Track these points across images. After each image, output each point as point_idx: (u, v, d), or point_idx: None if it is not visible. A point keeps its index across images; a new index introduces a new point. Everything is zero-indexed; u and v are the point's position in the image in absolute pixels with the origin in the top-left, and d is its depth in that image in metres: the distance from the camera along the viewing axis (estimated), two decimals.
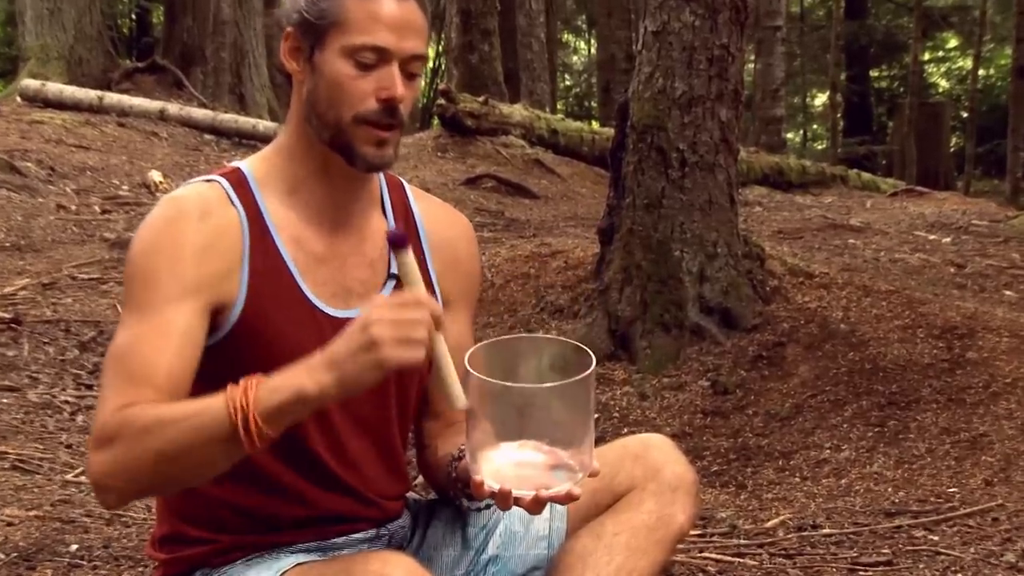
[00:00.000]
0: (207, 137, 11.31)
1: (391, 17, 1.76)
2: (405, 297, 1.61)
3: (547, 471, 1.60)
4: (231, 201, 1.81)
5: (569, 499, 1.62)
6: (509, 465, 1.59)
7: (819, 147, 26.25)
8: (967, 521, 3.63)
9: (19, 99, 11.48)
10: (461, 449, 1.83)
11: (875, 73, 25.93)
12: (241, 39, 14.20)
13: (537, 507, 1.62)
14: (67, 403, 4.55)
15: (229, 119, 11.67)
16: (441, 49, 18.98)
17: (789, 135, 23.11)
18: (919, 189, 13.04)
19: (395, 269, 1.90)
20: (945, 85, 26.33)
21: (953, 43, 25.72)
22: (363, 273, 1.88)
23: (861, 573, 3.25)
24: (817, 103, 27.91)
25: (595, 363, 1.59)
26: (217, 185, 1.83)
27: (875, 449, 4.46)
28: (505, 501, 1.61)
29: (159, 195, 8.10)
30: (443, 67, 19.12)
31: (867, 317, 5.47)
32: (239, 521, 1.85)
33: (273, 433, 1.59)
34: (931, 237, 8.46)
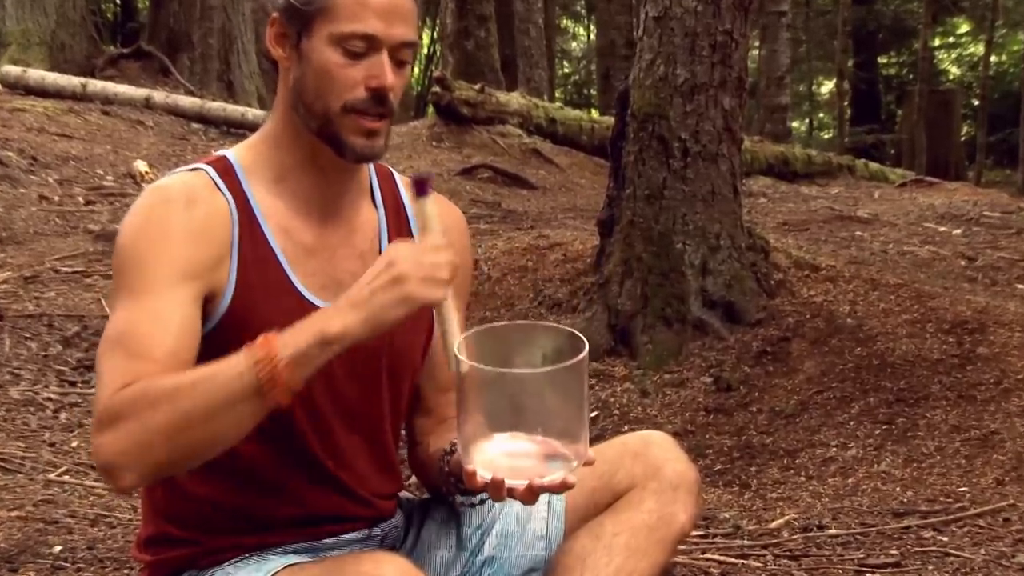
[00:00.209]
0: (194, 126, 11.29)
1: (380, 4, 1.76)
2: (427, 240, 1.67)
3: (541, 460, 1.60)
4: (218, 188, 1.81)
5: (564, 487, 1.62)
6: (502, 455, 1.60)
7: (825, 136, 26.24)
8: (978, 521, 3.64)
9: None
10: (453, 444, 1.83)
11: (883, 59, 25.92)
12: (229, 24, 14.18)
13: (531, 496, 1.62)
14: (50, 400, 4.55)
15: (217, 107, 11.65)
16: (436, 35, 18.97)
17: (794, 124, 23.13)
18: (929, 179, 13.04)
19: None
20: (956, 72, 26.33)
21: (964, 28, 25.72)
22: (353, 265, 1.88)
23: (868, 575, 3.26)
24: (823, 91, 27.90)
25: (587, 348, 1.61)
26: (203, 173, 1.83)
27: (883, 447, 4.47)
28: (499, 491, 1.61)
29: (145, 186, 8.07)
30: (438, 54, 19.11)
31: (875, 311, 5.47)
32: (227, 521, 1.85)
33: (298, 382, 1.59)
34: (941, 229, 8.47)
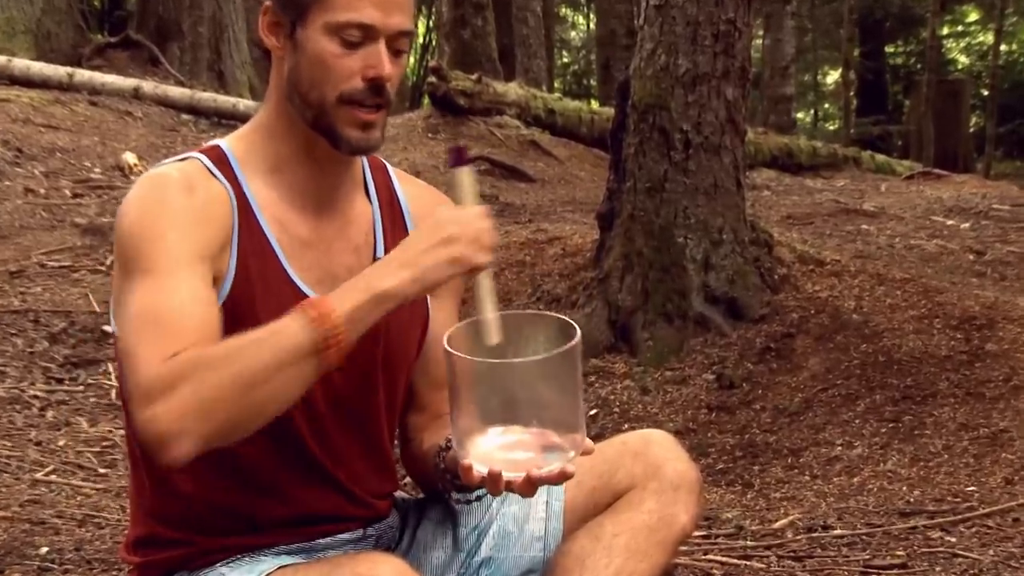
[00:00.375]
0: (184, 117, 11.27)
1: None
2: (471, 208, 1.71)
3: (537, 452, 1.61)
4: (213, 176, 1.81)
5: (563, 477, 1.63)
6: (498, 448, 1.61)
7: (831, 127, 26.24)
8: (986, 521, 3.64)
9: None
10: (448, 440, 1.83)
11: (890, 49, 25.91)
12: (220, 13, 14.15)
13: (530, 488, 1.62)
14: (36, 398, 4.55)
15: (208, 98, 11.63)
16: (432, 24, 18.96)
17: (799, 115, 23.12)
18: (936, 172, 13.05)
19: (381, 254, 1.91)
20: (965, 61, 26.32)
21: (973, 16, 25.71)
22: (348, 259, 1.89)
23: None
24: (829, 81, 27.89)
25: (579, 335, 1.61)
26: (196, 161, 1.83)
27: (889, 446, 4.47)
28: (496, 485, 1.62)
29: (133, 178, 8.09)
30: (434, 43, 19.10)
31: (881, 307, 5.48)
32: (219, 521, 1.85)
33: (352, 341, 1.63)
34: (949, 222, 8.47)
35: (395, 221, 1.96)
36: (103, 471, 3.95)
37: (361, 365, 1.85)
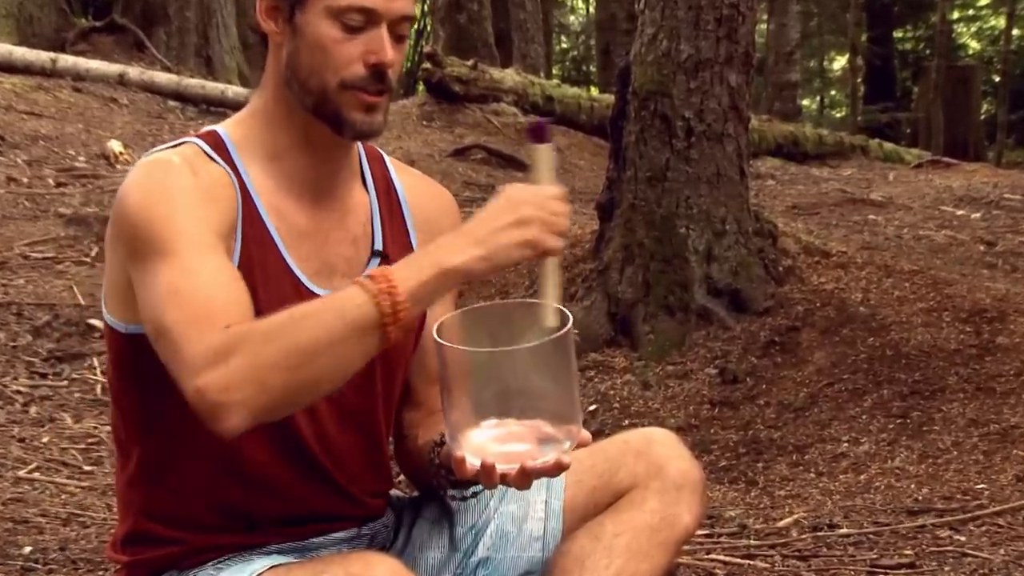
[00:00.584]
0: (171, 104, 11.26)
1: None
2: (547, 188, 1.70)
3: (532, 444, 1.61)
4: (213, 160, 1.81)
5: (558, 469, 1.63)
6: (491, 441, 1.61)
7: (837, 115, 26.23)
8: (996, 520, 3.65)
9: None
10: (442, 435, 1.83)
11: (899, 34, 25.89)
12: None
13: (525, 481, 1.63)
14: (19, 393, 4.55)
15: (195, 84, 11.62)
16: (426, 8, 18.93)
17: (805, 102, 23.12)
18: (946, 160, 13.05)
19: (378, 245, 1.92)
20: (975, 46, 26.30)
21: (984, 0, 25.69)
22: (346, 249, 1.89)
23: None
24: (835, 67, 27.87)
25: (571, 321, 1.62)
26: (193, 145, 1.83)
27: (897, 442, 4.48)
28: (490, 478, 1.62)
29: (119, 167, 8.08)
30: (428, 28, 19.06)
31: (888, 299, 5.48)
32: (212, 518, 1.85)
33: (415, 317, 1.65)
34: (959, 212, 8.48)
35: (392, 212, 1.97)
36: (88, 468, 3.95)
37: None
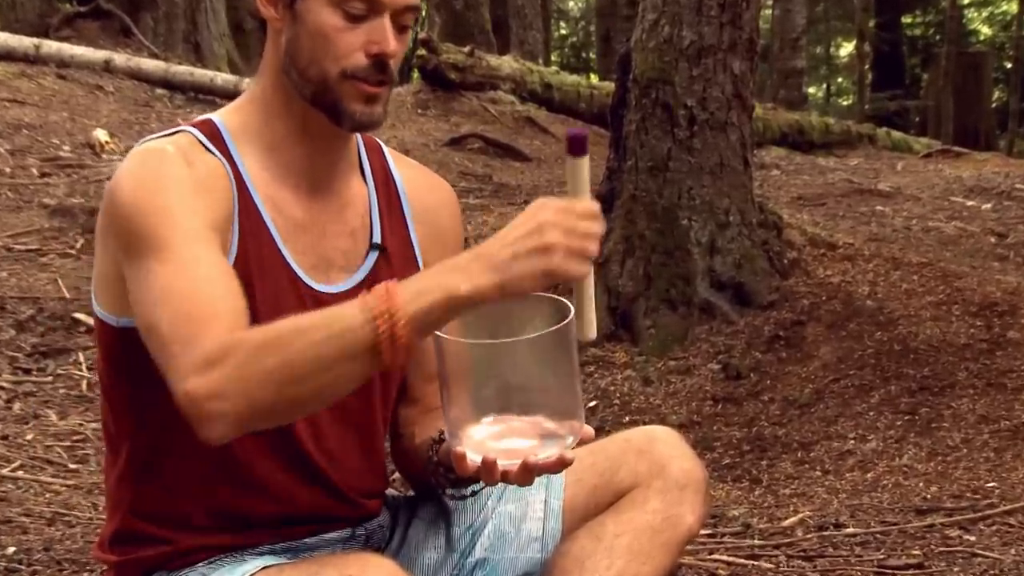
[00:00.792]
0: (159, 91, 11.24)
1: None
2: (579, 205, 1.59)
3: (533, 440, 1.61)
4: (208, 150, 1.81)
5: (561, 465, 1.63)
6: (492, 437, 1.61)
7: (844, 103, 26.23)
8: (1007, 519, 3.65)
9: None
10: (441, 432, 1.84)
11: (908, 19, 25.87)
12: None
13: (527, 477, 1.63)
14: (2, 389, 4.55)
15: (184, 71, 11.60)
16: None
17: (810, 89, 23.09)
18: (956, 149, 13.06)
19: (377, 239, 1.92)
20: (987, 32, 26.29)
21: None
22: (344, 243, 1.89)
23: None
24: (842, 53, 27.85)
25: (573, 312, 1.61)
26: (188, 135, 1.83)
27: (905, 439, 4.49)
28: (491, 474, 1.62)
29: (105, 156, 8.07)
30: (424, 13, 19.05)
31: (896, 293, 5.49)
32: (202, 518, 1.85)
33: (415, 344, 1.56)
34: (969, 203, 8.48)
35: (391, 204, 1.97)
36: (73, 467, 3.95)
37: None
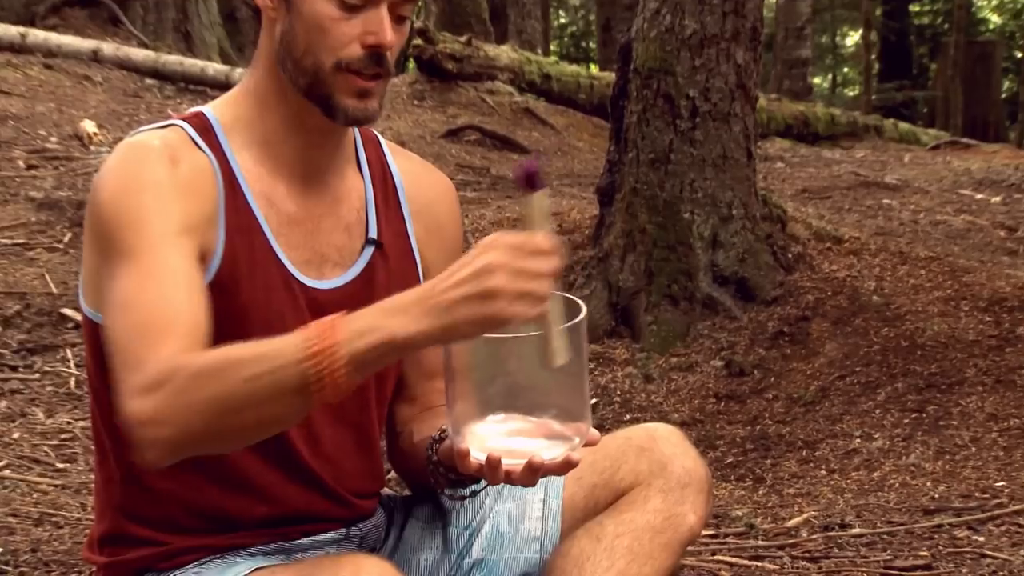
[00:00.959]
0: (148, 82, 11.23)
1: None
2: (531, 241, 1.54)
3: (539, 441, 1.62)
4: (197, 146, 1.81)
5: (567, 467, 1.63)
6: (497, 436, 1.61)
7: (850, 93, 26.23)
8: (1017, 520, 3.66)
9: None
10: (442, 431, 1.84)
11: (915, 7, 25.89)
12: None
13: (531, 477, 1.63)
14: None
15: (174, 61, 11.59)
16: None
17: (816, 80, 23.10)
18: (965, 141, 13.07)
19: (373, 233, 1.92)
20: (996, 20, 26.30)
21: None
22: (339, 238, 1.89)
23: None
24: (848, 43, 27.86)
25: (585, 311, 1.60)
26: (179, 129, 1.83)
27: (912, 438, 4.49)
28: (495, 473, 1.62)
29: (93, 148, 8.07)
30: (420, 2, 19.05)
31: (903, 288, 5.49)
32: (192, 519, 1.86)
33: (354, 383, 1.55)
34: (978, 196, 8.49)
35: (388, 198, 1.97)
36: (61, 466, 3.95)
37: None
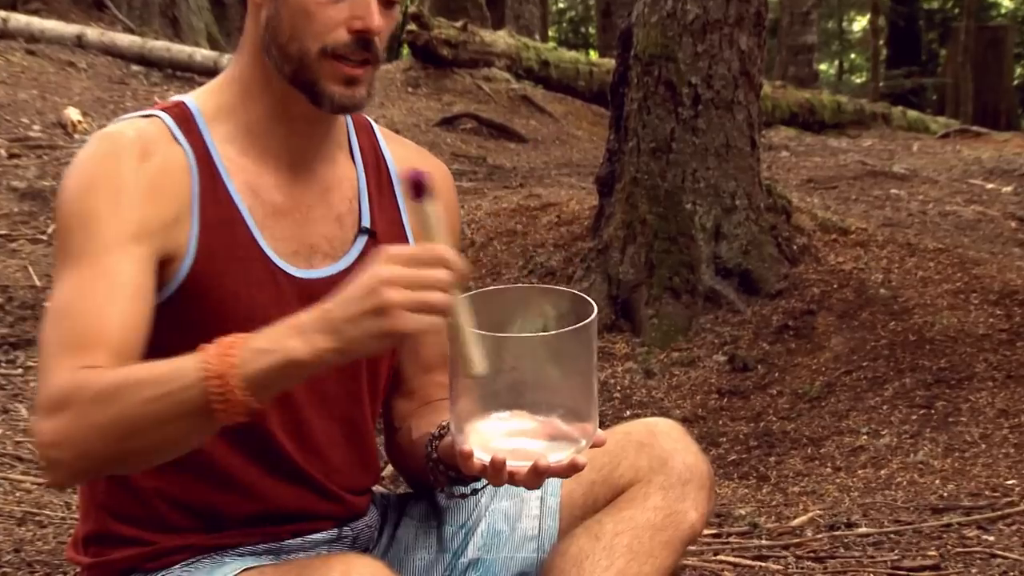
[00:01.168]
0: (134, 68, 11.23)
1: None
2: (424, 252, 1.57)
3: (544, 441, 1.62)
4: (175, 139, 1.82)
5: (572, 470, 1.64)
6: (501, 436, 1.62)
7: (857, 80, 26.23)
8: None
9: None
10: (442, 427, 1.84)
11: None
12: None
13: (536, 480, 1.64)
14: None
15: (160, 47, 11.59)
16: None
17: (822, 66, 23.09)
18: (975, 129, 13.07)
19: (366, 223, 1.92)
20: (1008, 5, 26.29)
21: None
22: (329, 228, 1.89)
23: None
24: (856, 28, 27.86)
25: (596, 312, 1.60)
26: (158, 120, 1.83)
27: (920, 435, 4.49)
28: (499, 475, 1.63)
29: (78, 136, 8.07)
30: None
31: (911, 280, 5.50)
32: (178, 518, 1.86)
33: (255, 405, 1.57)
34: (989, 186, 8.49)
35: (382, 187, 1.97)
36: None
37: None
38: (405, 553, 2.03)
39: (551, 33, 24.46)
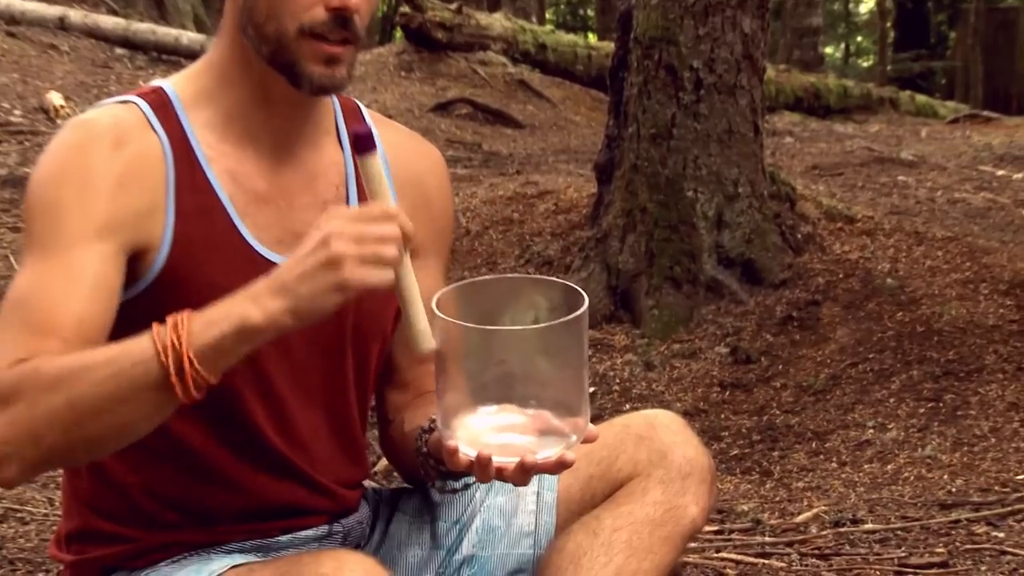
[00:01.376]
0: (118, 51, 11.23)
1: None
2: (371, 209, 1.63)
3: (533, 436, 1.61)
4: (151, 127, 1.81)
5: (561, 466, 1.63)
6: (489, 430, 1.61)
7: (864, 64, 26.21)
8: None
9: None
10: (432, 420, 1.84)
11: None
12: None
13: (523, 477, 1.63)
14: None
15: (145, 29, 11.58)
16: None
17: (828, 50, 23.07)
18: (986, 114, 13.08)
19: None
20: None
21: None
22: (314, 215, 1.88)
23: None
24: (862, 10, 27.84)
25: (587, 303, 1.60)
26: (134, 107, 1.83)
27: (928, 428, 4.50)
28: (485, 471, 1.63)
29: (60, 121, 8.06)
30: None
31: (919, 270, 5.50)
32: (163, 514, 1.86)
33: (211, 376, 1.59)
34: (999, 173, 8.50)
35: None
36: None
37: (327, 335, 1.85)
38: (398, 549, 2.03)
39: (548, 16, 24.43)
